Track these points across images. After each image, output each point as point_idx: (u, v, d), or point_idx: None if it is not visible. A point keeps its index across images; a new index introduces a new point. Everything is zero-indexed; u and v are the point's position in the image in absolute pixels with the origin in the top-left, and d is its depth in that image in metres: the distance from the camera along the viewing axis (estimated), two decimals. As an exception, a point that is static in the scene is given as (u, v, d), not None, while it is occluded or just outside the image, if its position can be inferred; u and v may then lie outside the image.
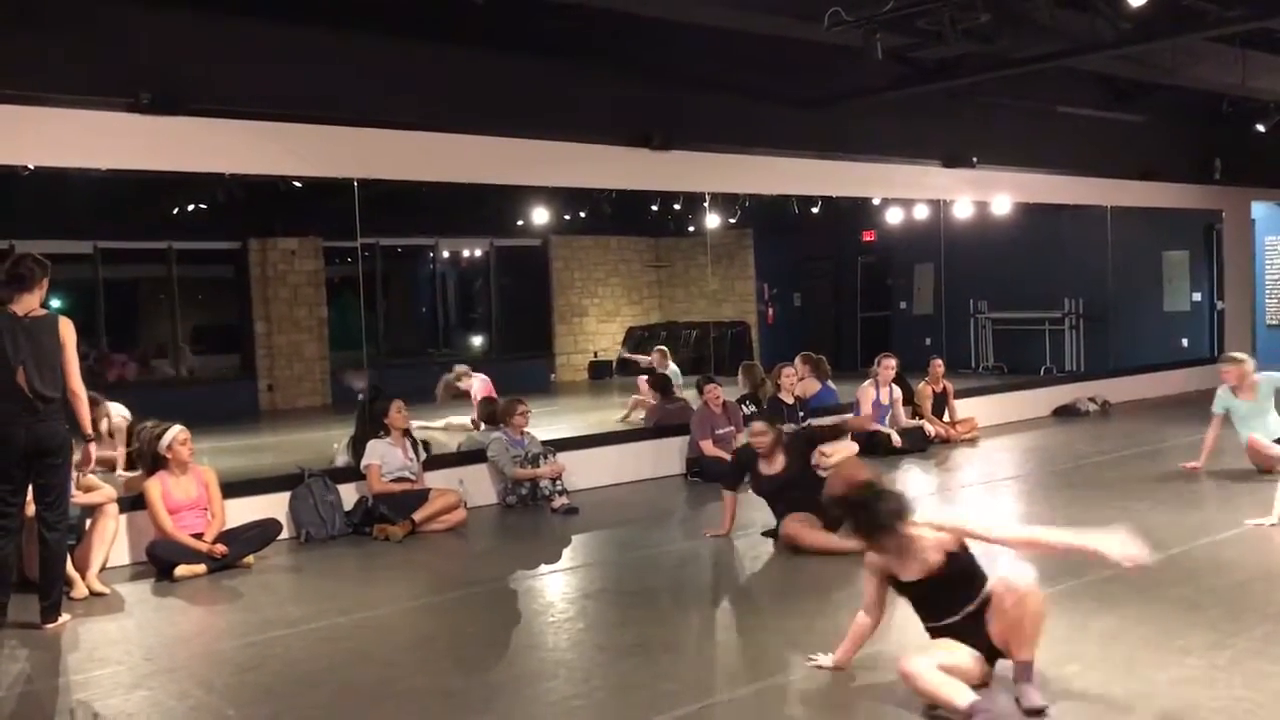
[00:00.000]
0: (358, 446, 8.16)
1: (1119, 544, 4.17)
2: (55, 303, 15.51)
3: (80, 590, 6.27)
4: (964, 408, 11.70)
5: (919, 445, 10.54)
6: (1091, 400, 12.94)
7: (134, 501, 7.00)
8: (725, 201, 14.28)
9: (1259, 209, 15.84)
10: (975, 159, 11.90)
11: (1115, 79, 11.41)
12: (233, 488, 7.50)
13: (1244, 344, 15.93)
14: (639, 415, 11.85)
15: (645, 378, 12.40)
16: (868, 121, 10.78)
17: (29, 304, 5.72)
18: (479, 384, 11.77)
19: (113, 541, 6.67)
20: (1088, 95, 12.24)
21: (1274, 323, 15.96)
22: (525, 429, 8.65)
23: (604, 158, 9.57)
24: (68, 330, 5.78)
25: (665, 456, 9.76)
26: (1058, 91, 11.70)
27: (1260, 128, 12.04)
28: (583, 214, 15.81)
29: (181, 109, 6.96)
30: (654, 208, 14.71)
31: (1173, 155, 14.24)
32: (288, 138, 7.70)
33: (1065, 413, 12.83)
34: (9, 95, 6.45)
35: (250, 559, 6.97)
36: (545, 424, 11.22)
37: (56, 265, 15.22)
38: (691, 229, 16.63)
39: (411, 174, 8.75)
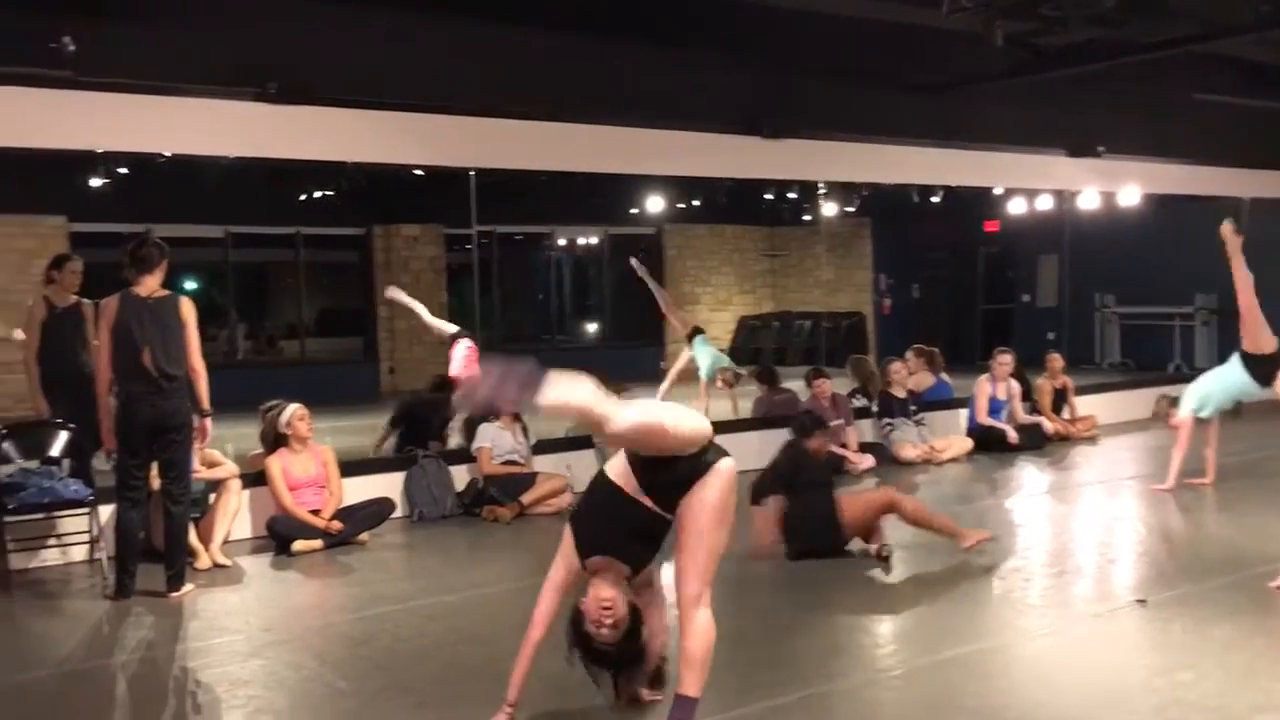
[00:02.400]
0: (470, 429, 8.32)
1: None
2: (190, 284, 16.36)
3: (204, 561, 6.55)
4: (1085, 405, 11.37)
5: (1036, 442, 10.28)
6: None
7: (256, 477, 7.25)
8: (842, 190, 14.11)
9: None
10: (1101, 148, 11.50)
11: (1258, 64, 10.88)
12: (350, 467, 7.73)
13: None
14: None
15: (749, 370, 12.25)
16: (988, 109, 10.50)
17: (150, 285, 5.98)
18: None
19: (235, 516, 6.94)
20: (1227, 81, 11.70)
21: None
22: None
23: (716, 146, 9.53)
24: (189, 310, 6.03)
25: (772, 447, 9.67)
26: (1193, 77, 11.20)
27: None
28: (696, 202, 15.81)
29: (306, 98, 7.17)
30: (768, 196, 14.61)
31: (1318, 144, 13.53)
32: (406, 127, 7.87)
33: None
34: (144, 85, 6.73)
35: (365, 536, 7.17)
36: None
37: (189, 249, 15.94)
38: (807, 218, 16.50)
39: (526, 164, 8.87)
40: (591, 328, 19.36)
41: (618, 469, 3.85)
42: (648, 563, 3.96)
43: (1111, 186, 12.52)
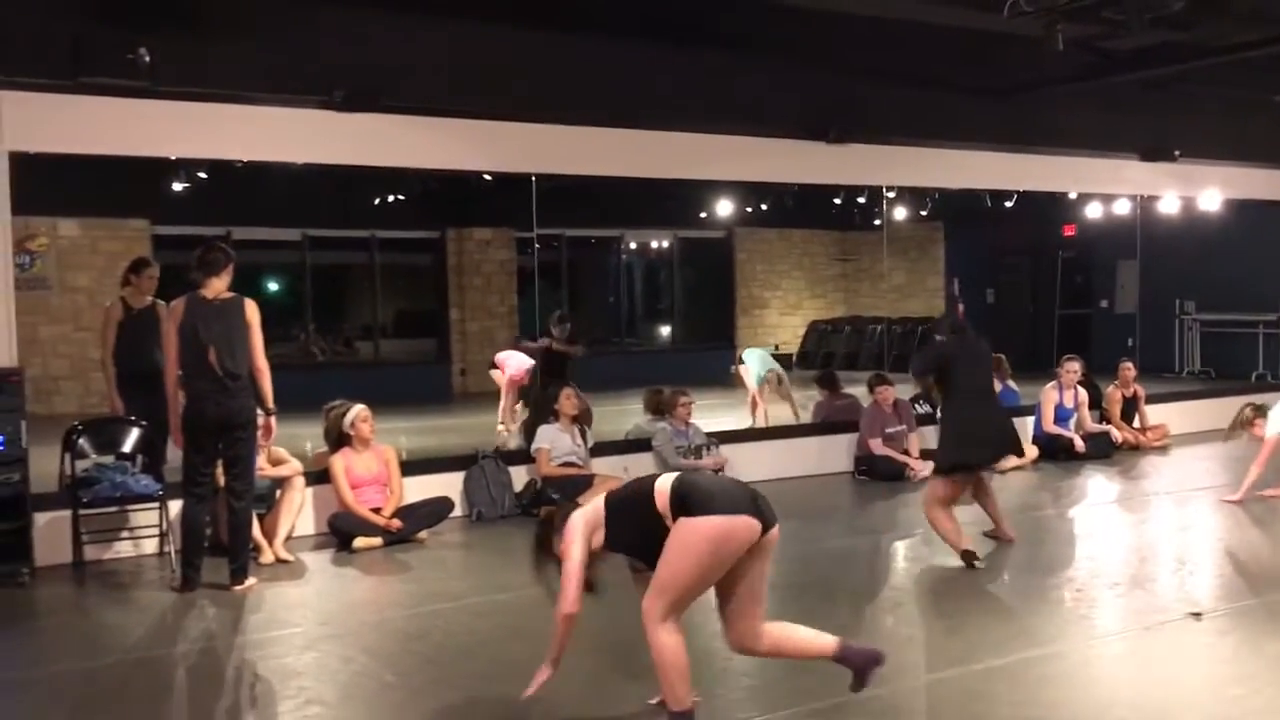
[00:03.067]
0: (530, 430, 8.45)
1: None
2: (273, 285, 16.77)
3: (267, 556, 6.75)
4: (1159, 414, 11.14)
5: (1104, 451, 10.11)
6: (1305, 409, 12.05)
7: (320, 475, 7.45)
8: (913, 195, 13.99)
9: None
10: (1177, 152, 11.26)
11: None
12: (411, 466, 7.90)
13: None
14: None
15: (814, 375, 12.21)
16: (1057, 113, 10.35)
17: (217, 288, 6.19)
18: (513, 365, 11.11)
19: (298, 512, 7.14)
20: (1310, 83, 11.39)
21: None
22: (689, 420, 8.75)
23: (781, 152, 9.55)
24: (253, 311, 6.24)
25: (832, 453, 9.70)
26: (1272, 79, 10.93)
27: None
28: (764, 206, 15.79)
29: (371, 106, 7.36)
30: (837, 201, 14.55)
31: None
32: (469, 134, 8.03)
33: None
34: (216, 94, 6.97)
35: (424, 534, 7.33)
36: (719, 416, 11.32)
37: (267, 251, 16.32)
38: (877, 222, 16.37)
39: (589, 169, 8.99)
40: (663, 331, 19.43)
41: (662, 484, 3.95)
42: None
43: (1190, 191, 12.25)
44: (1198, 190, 12.24)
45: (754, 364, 11.66)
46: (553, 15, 7.94)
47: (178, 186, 11.17)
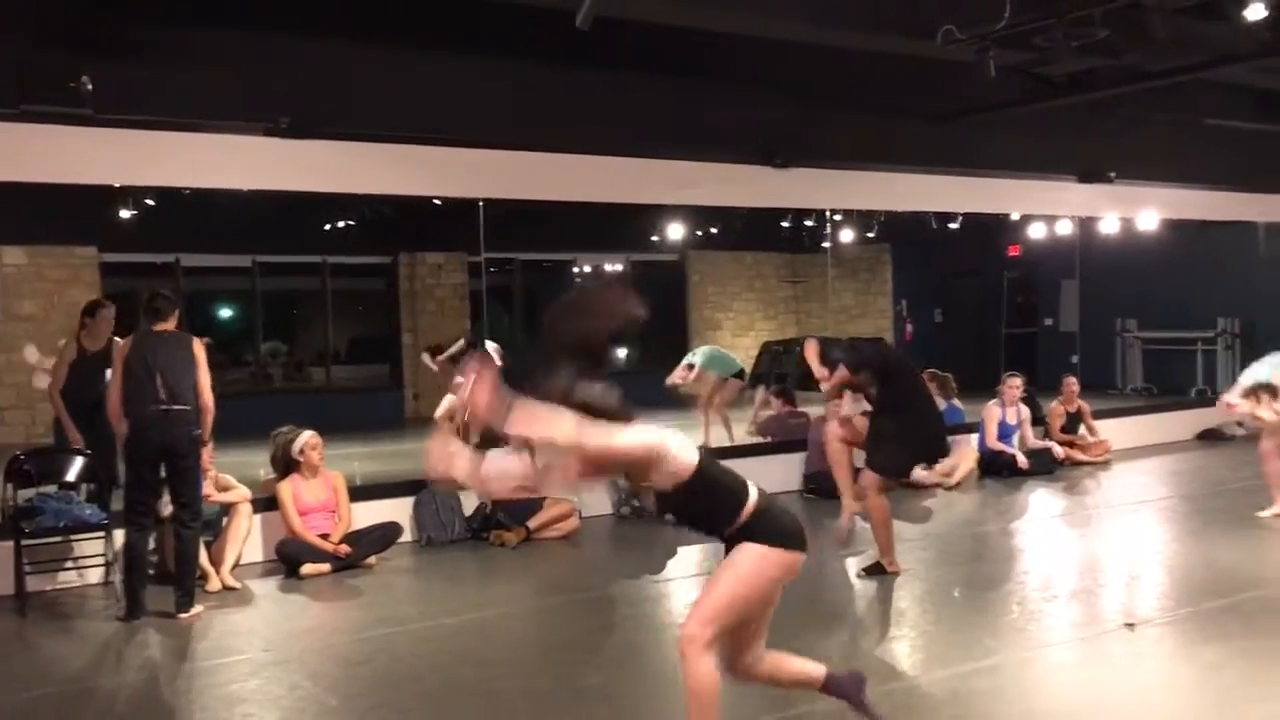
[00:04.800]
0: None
1: None
2: (224, 312, 16.68)
3: (214, 584, 6.72)
4: (1101, 429, 11.35)
5: (1046, 467, 10.28)
6: (1240, 425, 12.34)
7: (268, 502, 7.43)
8: (860, 217, 14.20)
9: None
10: (1113, 174, 11.54)
11: (1271, 91, 10.91)
12: (361, 491, 7.91)
13: None
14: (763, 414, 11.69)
15: (772, 388, 12.32)
16: (998, 136, 10.58)
17: (164, 326, 6.31)
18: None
19: (245, 539, 7.12)
20: (1236, 107, 11.71)
21: None
22: (641, 442, 8.81)
23: (727, 176, 9.67)
24: (199, 347, 6.32)
25: (780, 472, 9.80)
26: (1206, 103, 11.24)
27: None
28: (715, 230, 15.95)
29: (317, 132, 7.39)
30: (786, 224, 14.73)
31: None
32: (417, 159, 8.07)
33: (1210, 437, 12.30)
34: (160, 122, 6.97)
35: (373, 560, 7.33)
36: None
37: (217, 277, 16.18)
38: (826, 245, 16.59)
39: (538, 194, 9.03)
40: (619, 353, 19.49)
41: (753, 493, 3.69)
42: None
43: (1128, 212, 12.53)
44: (1135, 211, 12.53)
45: (705, 362, 11.80)
46: (500, 41, 8.03)
47: (125, 214, 11.10)
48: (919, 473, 9.70)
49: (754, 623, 3.80)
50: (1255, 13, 6.79)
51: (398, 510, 7.89)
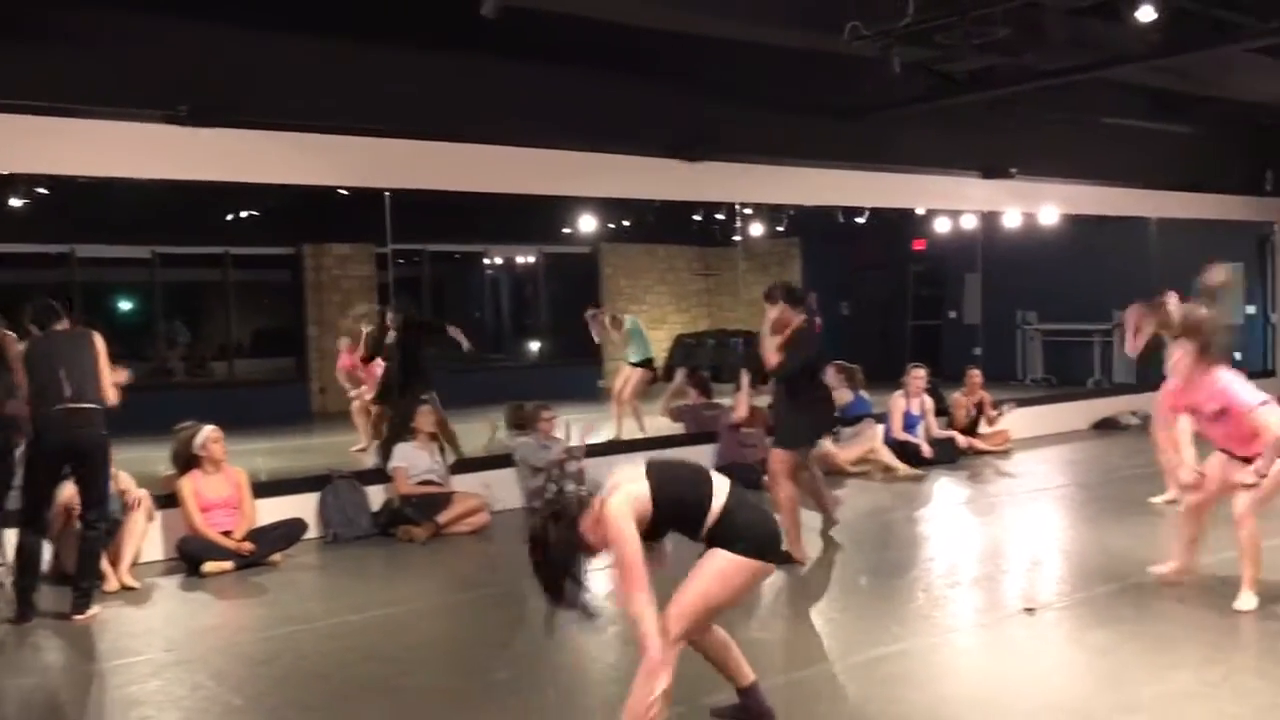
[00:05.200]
0: (386, 449, 8.37)
1: None
2: (122, 304, 16.20)
3: (112, 584, 6.53)
4: (1002, 419, 11.62)
5: (949, 457, 10.51)
6: (1133, 414, 12.76)
7: (168, 499, 7.25)
8: (770, 211, 14.33)
9: (1315, 221, 15.51)
10: (1014, 170, 11.83)
11: (1156, 89, 11.28)
12: (265, 487, 7.75)
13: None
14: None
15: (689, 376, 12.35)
16: (904, 132, 10.78)
17: (62, 327, 6.14)
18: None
19: (143, 537, 6.93)
20: (1134, 106, 12.10)
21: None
22: (552, 434, 8.80)
23: (640, 169, 9.69)
24: (100, 341, 6.13)
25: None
26: (1102, 102, 11.58)
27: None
28: (628, 222, 15.96)
29: (217, 120, 7.22)
30: (697, 217, 14.80)
31: (1222, 166, 13.99)
32: (320, 148, 7.93)
33: (1106, 426, 12.69)
34: (55, 108, 6.75)
35: (278, 557, 7.19)
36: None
37: (115, 269, 15.71)
38: (737, 238, 16.72)
39: (445, 184, 8.93)
40: (532, 346, 19.41)
41: (718, 499, 3.84)
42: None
43: (1029, 207, 12.86)
44: (1035, 206, 12.85)
45: (631, 326, 11.84)
46: (408, 30, 7.93)
47: (16, 202, 10.71)
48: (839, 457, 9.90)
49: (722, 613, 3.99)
50: (1146, 15, 6.99)
51: (303, 506, 7.76)
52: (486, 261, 18.60)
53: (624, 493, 3.76)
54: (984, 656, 5.18)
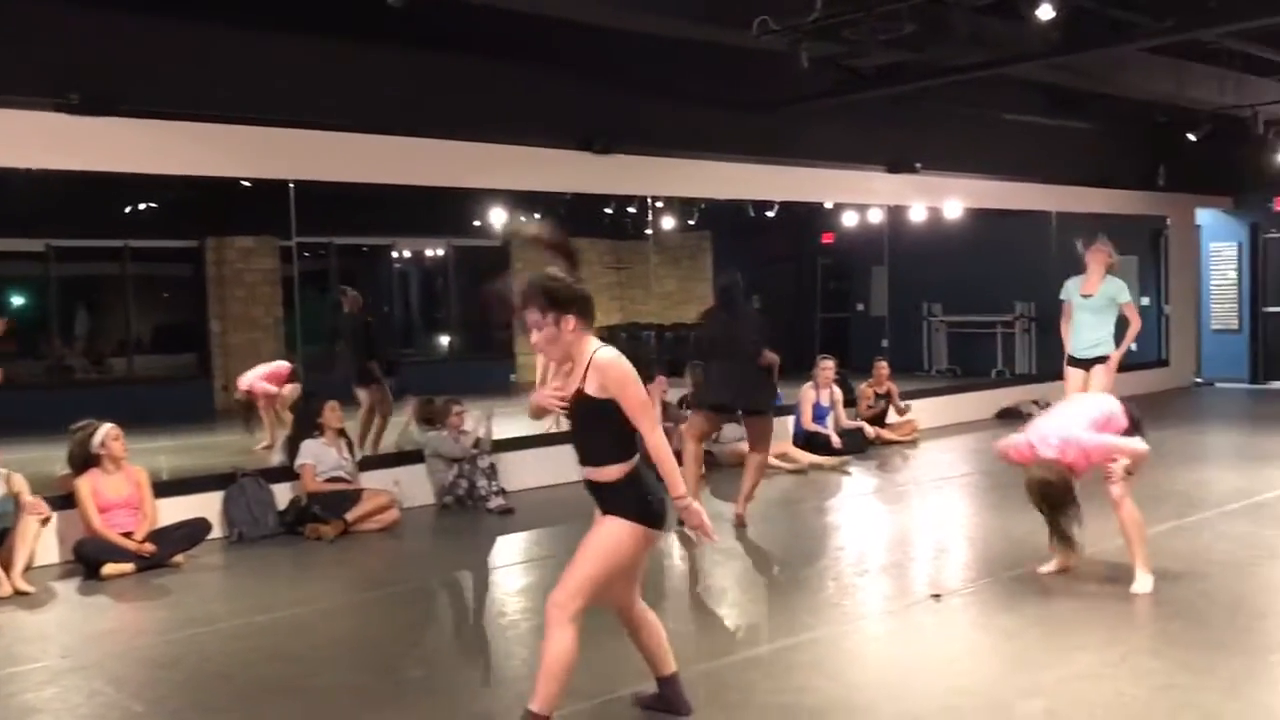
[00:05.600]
0: (292, 446, 8.21)
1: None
2: (15, 300, 15.62)
3: (4, 589, 6.30)
4: (911, 409, 11.82)
5: (858, 446, 10.67)
6: (1035, 403, 13.07)
7: (65, 500, 7.01)
8: (682, 205, 14.38)
9: (1203, 215, 16.08)
10: (919, 164, 12.04)
11: (1056, 87, 11.58)
12: (167, 487, 7.55)
13: (1190, 348, 16.23)
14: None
15: None
16: (812, 127, 10.90)
17: None
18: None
19: (36, 539, 6.68)
20: (1034, 103, 12.41)
21: (1219, 328, 16.20)
22: (463, 429, 8.72)
23: (547, 161, 9.63)
24: None
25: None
26: (1004, 99, 11.85)
27: (1191, 137, 12.22)
28: (539, 216, 15.85)
29: (111, 110, 6.99)
30: (609, 210, 14.77)
31: (1118, 162, 14.44)
32: (221, 139, 7.73)
33: (1008, 415, 12.98)
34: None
35: (180, 558, 7.00)
36: (501, 425, 11.27)
37: (6, 263, 15.14)
38: (648, 231, 16.73)
39: (351, 176, 8.75)
40: (442, 341, 19.20)
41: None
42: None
43: (933, 201, 13.10)
44: (940, 200, 13.10)
45: None
46: (313, 18, 7.77)
47: (-101, 193, 10.26)
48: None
49: (620, 585, 4.04)
50: (1046, 13, 7.16)
51: (206, 505, 7.57)
52: (395, 255, 18.35)
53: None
54: (893, 643, 5.25)
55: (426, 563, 7.35)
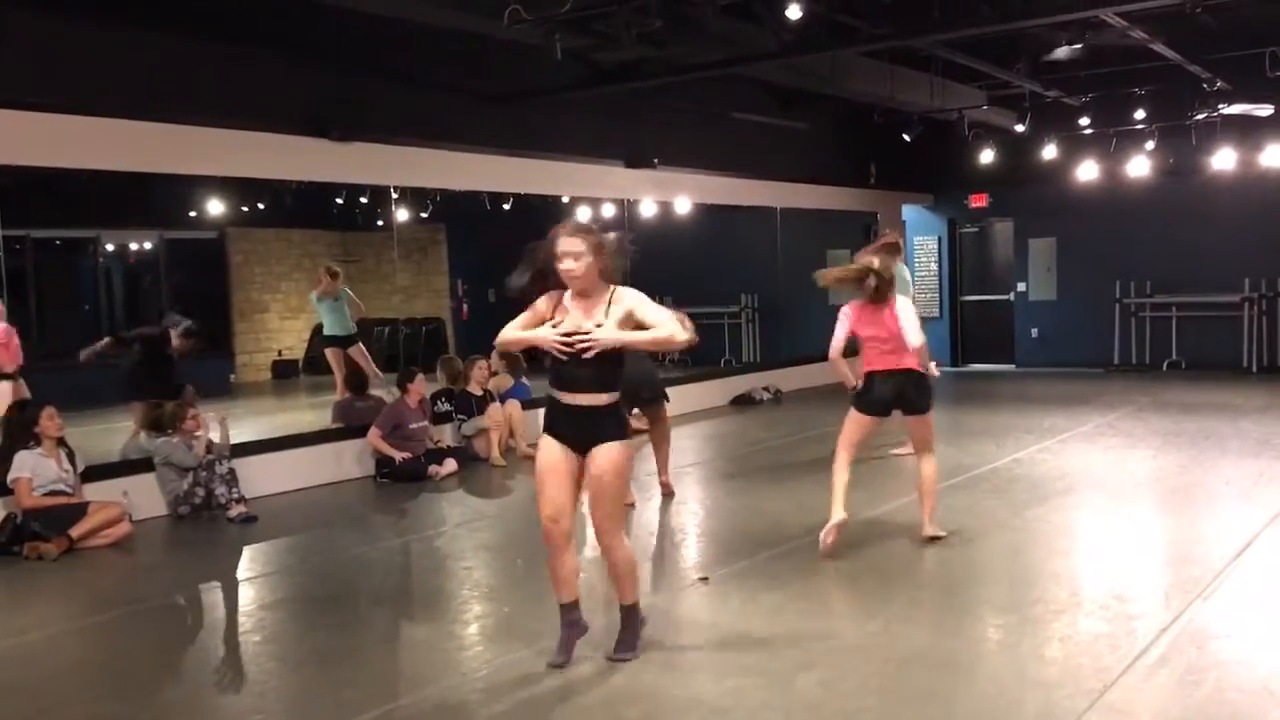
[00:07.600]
0: (4, 458, 7.42)
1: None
2: None
3: None
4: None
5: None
6: (765, 390, 13.70)
7: None
8: (416, 196, 14.07)
9: (909, 211, 17.33)
10: (656, 160, 12.32)
11: (783, 87, 12.16)
12: None
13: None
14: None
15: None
16: (554, 120, 10.93)
17: None
18: None
19: None
20: (759, 102, 12.97)
21: (923, 315, 17.46)
22: (197, 433, 8.18)
23: (280, 147, 9.15)
24: None
25: (353, 458, 9.51)
26: (732, 98, 12.31)
27: (906, 137, 13.16)
28: (261, 205, 15.13)
29: None
30: (339, 200, 14.28)
31: (835, 160, 15.34)
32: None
33: (742, 402, 13.54)
34: None
35: None
36: (239, 427, 10.67)
37: None
38: (381, 223, 16.29)
39: (46, 160, 7.94)
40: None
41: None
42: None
43: (667, 196, 13.44)
44: (673, 195, 13.46)
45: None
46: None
47: None
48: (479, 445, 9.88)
49: (572, 494, 4.70)
50: (794, 12, 7.46)
51: (-97, 528, 6.75)
52: (97, 249, 16.98)
53: None
54: (668, 628, 5.33)
55: (166, 578, 6.84)
